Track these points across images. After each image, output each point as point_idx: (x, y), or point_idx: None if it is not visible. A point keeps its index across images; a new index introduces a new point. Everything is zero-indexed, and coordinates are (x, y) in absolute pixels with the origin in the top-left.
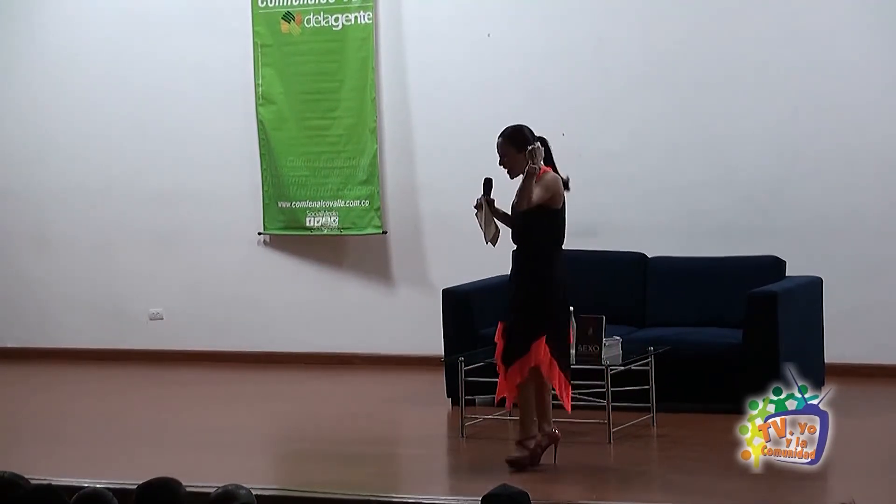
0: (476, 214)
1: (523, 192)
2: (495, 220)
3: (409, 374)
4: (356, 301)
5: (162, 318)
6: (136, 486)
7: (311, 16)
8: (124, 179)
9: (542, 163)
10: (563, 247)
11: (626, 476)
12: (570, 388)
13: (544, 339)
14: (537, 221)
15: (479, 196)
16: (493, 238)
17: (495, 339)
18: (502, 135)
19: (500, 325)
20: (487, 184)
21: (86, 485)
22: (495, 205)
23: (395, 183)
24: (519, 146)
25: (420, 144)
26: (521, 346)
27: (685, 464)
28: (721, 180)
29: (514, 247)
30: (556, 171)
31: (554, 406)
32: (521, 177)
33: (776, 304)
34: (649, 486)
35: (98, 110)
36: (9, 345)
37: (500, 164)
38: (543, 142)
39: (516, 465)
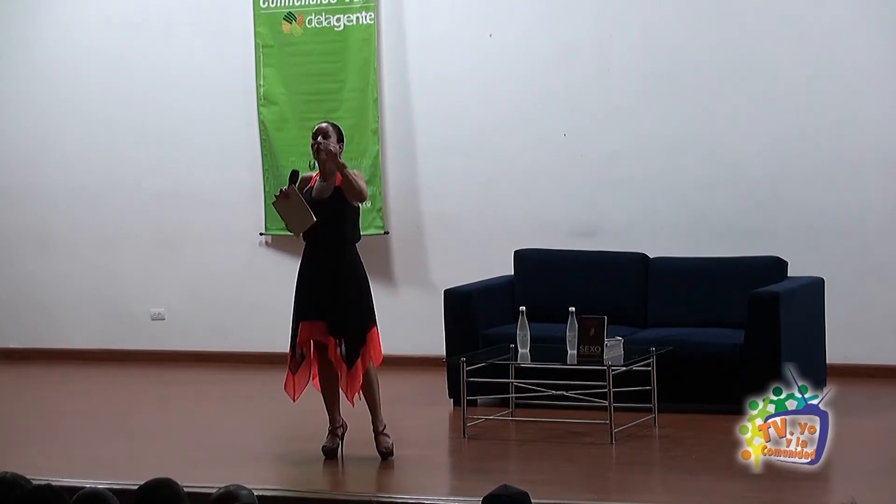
0: (275, 204)
1: (353, 184)
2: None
3: (411, 374)
4: None
5: (164, 319)
6: (136, 487)
7: (313, 16)
8: (126, 180)
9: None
10: (564, 247)
11: (627, 476)
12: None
13: (376, 328)
14: (353, 215)
15: (285, 187)
16: (304, 228)
17: (299, 340)
18: (326, 121)
19: (309, 326)
20: (294, 175)
21: (86, 485)
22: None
23: (396, 184)
24: (339, 137)
25: (422, 145)
26: (360, 340)
27: (686, 464)
28: (723, 181)
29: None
30: None
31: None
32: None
33: (778, 304)
34: (650, 486)
35: (100, 111)
36: (11, 345)
37: (315, 139)
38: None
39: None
